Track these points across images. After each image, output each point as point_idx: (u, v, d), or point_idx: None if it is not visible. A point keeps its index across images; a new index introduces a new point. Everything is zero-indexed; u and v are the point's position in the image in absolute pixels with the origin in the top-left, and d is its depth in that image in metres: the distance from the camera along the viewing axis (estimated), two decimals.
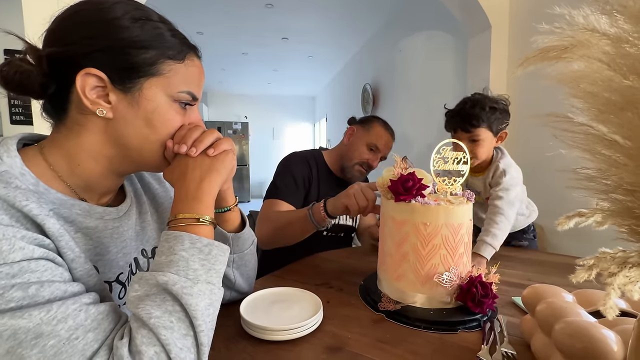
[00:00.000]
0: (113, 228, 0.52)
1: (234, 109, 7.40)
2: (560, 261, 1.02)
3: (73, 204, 0.47)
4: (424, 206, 0.65)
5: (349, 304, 0.72)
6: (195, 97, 0.52)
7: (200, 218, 0.46)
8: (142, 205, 0.62)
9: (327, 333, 0.61)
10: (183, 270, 0.40)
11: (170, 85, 0.48)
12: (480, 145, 1.05)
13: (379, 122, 1.29)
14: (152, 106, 0.47)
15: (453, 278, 0.64)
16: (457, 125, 1.07)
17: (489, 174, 1.10)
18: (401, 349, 0.56)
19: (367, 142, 1.25)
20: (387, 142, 1.28)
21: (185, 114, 0.52)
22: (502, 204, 1.02)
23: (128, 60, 0.45)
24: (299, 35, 3.90)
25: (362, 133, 1.27)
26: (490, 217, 1.03)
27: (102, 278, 0.47)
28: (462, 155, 0.72)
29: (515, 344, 0.56)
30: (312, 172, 1.24)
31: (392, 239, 0.70)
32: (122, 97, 0.46)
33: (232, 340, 0.58)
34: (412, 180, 0.67)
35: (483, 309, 0.63)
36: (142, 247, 0.59)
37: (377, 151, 1.26)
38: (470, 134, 1.05)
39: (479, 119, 1.03)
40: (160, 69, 0.47)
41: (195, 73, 0.52)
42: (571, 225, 0.42)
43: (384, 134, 1.27)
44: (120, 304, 0.54)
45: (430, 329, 0.62)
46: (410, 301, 0.68)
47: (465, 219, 0.66)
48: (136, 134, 0.48)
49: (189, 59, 0.50)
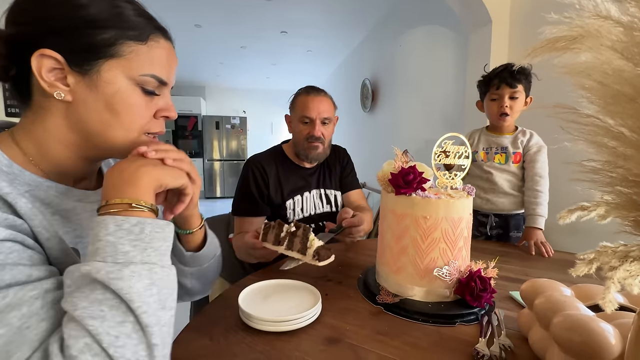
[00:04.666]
0: (92, 211, 0.51)
1: (233, 104, 7.34)
2: (558, 257, 1.03)
3: (50, 185, 0.47)
4: (424, 199, 0.65)
5: (348, 297, 0.73)
6: (163, 82, 0.50)
7: (134, 203, 0.40)
8: None
9: (326, 325, 0.61)
10: (111, 256, 0.37)
11: (132, 67, 0.46)
12: (517, 103, 1.19)
13: (299, 92, 1.23)
14: (112, 90, 0.45)
15: (452, 272, 0.64)
16: (504, 81, 1.18)
17: (517, 134, 1.25)
18: (399, 341, 0.57)
19: (298, 118, 1.20)
20: (314, 105, 1.18)
21: (152, 100, 0.49)
22: (541, 169, 1.17)
23: (85, 40, 0.43)
24: (298, 28, 3.86)
25: (292, 114, 1.24)
26: (532, 188, 1.17)
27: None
28: (463, 149, 0.72)
29: (512, 337, 0.56)
30: (269, 172, 1.20)
31: (391, 232, 0.70)
32: (80, 80, 0.44)
33: (231, 331, 0.58)
34: (412, 174, 0.67)
35: (481, 302, 0.63)
36: None
37: (311, 120, 1.18)
38: (514, 89, 1.18)
39: (522, 76, 1.17)
40: (120, 50, 0.45)
41: (162, 55, 0.49)
42: (573, 218, 0.42)
43: (306, 99, 1.19)
44: None
45: (429, 321, 0.62)
46: (408, 294, 0.68)
47: (465, 213, 0.66)
48: (98, 119, 0.46)
49: (153, 40, 0.48)
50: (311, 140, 1.18)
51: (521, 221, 1.24)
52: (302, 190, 1.24)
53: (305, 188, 1.25)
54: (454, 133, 0.71)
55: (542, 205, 1.14)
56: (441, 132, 0.70)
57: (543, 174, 1.17)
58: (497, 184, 1.24)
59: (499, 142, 1.26)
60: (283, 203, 1.20)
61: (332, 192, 1.30)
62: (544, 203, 1.14)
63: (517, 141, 1.23)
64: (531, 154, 1.20)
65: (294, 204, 1.21)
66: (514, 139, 1.24)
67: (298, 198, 1.22)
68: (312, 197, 1.25)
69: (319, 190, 1.28)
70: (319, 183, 1.29)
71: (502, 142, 1.26)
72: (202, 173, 6.61)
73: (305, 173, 1.27)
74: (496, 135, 1.28)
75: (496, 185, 1.24)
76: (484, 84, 1.26)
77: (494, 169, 1.25)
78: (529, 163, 1.20)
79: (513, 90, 1.18)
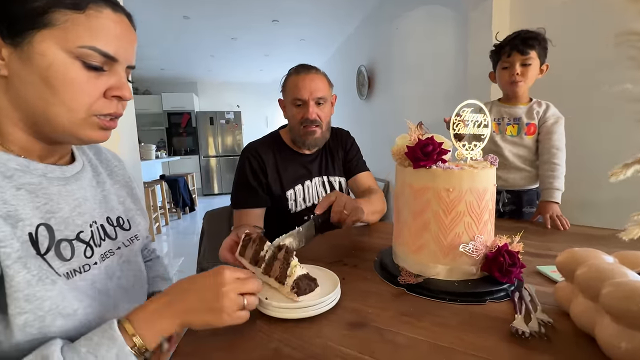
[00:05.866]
0: (59, 186, 0.49)
1: (226, 99, 7.22)
2: (576, 231, 0.99)
3: (9, 158, 0.44)
4: (446, 171, 0.60)
5: (366, 280, 0.68)
6: (110, 57, 0.46)
7: (137, 345, 0.42)
8: (99, 174, 0.60)
9: (346, 309, 0.57)
10: None
11: (68, 38, 0.43)
12: (531, 70, 1.13)
13: (289, 73, 1.14)
14: (46, 62, 0.42)
15: (479, 247, 0.60)
16: (515, 47, 1.12)
17: (532, 105, 1.19)
18: (427, 321, 0.53)
19: (290, 101, 1.11)
20: (305, 84, 1.08)
21: (99, 77, 0.46)
22: (558, 140, 1.13)
23: (14, 9, 0.41)
24: (289, 17, 3.76)
25: (284, 97, 1.16)
26: (549, 160, 1.12)
27: (59, 237, 0.46)
28: (482, 117, 0.67)
29: (548, 313, 0.52)
30: (266, 160, 1.13)
31: (409, 210, 0.66)
32: (13, 52, 0.42)
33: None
34: (431, 145, 0.62)
35: (510, 278, 0.59)
36: (107, 215, 0.57)
37: (304, 102, 1.09)
38: (525, 56, 1.12)
39: (534, 42, 1.11)
40: (53, 18, 0.42)
41: (106, 27, 0.45)
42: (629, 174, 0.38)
43: (297, 79, 1.09)
44: (90, 264, 0.50)
45: (456, 300, 0.58)
46: (431, 273, 0.63)
47: (490, 184, 0.62)
48: (36, 95, 0.43)
49: (93, 9, 0.44)
50: (306, 125, 1.10)
51: (534, 196, 1.20)
52: (303, 179, 1.17)
53: (306, 176, 1.18)
54: (472, 100, 0.67)
55: (559, 178, 1.09)
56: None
57: (560, 146, 1.13)
58: (508, 159, 1.20)
59: (512, 112, 1.20)
60: (283, 193, 1.14)
61: (335, 179, 1.23)
62: (561, 176, 1.10)
63: (532, 112, 1.18)
64: (548, 125, 1.15)
65: (295, 194, 1.15)
66: (529, 110, 1.19)
67: (299, 187, 1.16)
68: (314, 186, 1.19)
69: (322, 178, 1.21)
70: (321, 170, 1.21)
71: (516, 113, 1.20)
72: (198, 170, 6.53)
73: (305, 160, 1.19)
74: (509, 106, 1.21)
75: (507, 161, 1.20)
76: (495, 53, 1.20)
77: (506, 142, 1.20)
78: (545, 135, 1.15)
79: (525, 57, 1.12)
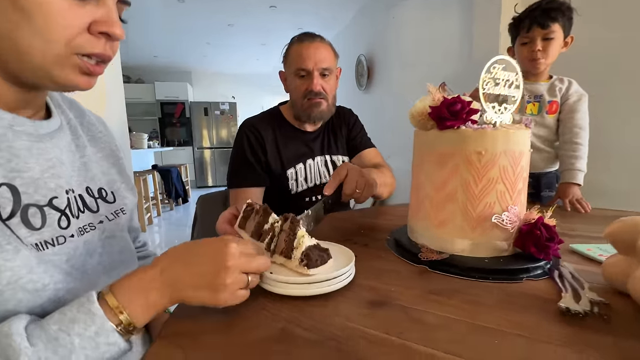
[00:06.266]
0: (30, 142, 0.42)
1: (221, 89, 7.05)
2: (597, 214, 0.93)
3: None
4: (477, 131, 0.52)
5: (380, 258, 0.61)
6: None
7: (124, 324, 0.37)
8: (78, 138, 0.52)
9: (364, 287, 0.49)
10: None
11: None
12: (553, 45, 1.04)
13: (292, 42, 1.06)
14: None
15: (514, 219, 0.53)
16: (535, 21, 1.03)
17: (554, 82, 1.11)
18: (458, 299, 0.45)
19: (293, 72, 1.03)
20: (310, 53, 1.00)
21: (83, 7, 0.38)
22: (581, 119, 1.06)
23: None
24: (287, 3, 3.65)
25: (286, 69, 1.08)
26: (571, 140, 1.05)
27: (26, 201, 0.39)
28: (514, 77, 0.60)
29: (596, 291, 0.45)
30: (265, 137, 1.05)
31: (430, 179, 0.58)
32: None
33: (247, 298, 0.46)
34: (460, 103, 0.54)
35: (548, 254, 0.52)
36: (86, 185, 0.50)
37: (308, 72, 1.01)
38: (546, 30, 1.03)
39: (557, 14, 1.02)
40: None
41: None
42: None
43: (300, 47, 1.01)
44: (66, 236, 0.43)
45: (488, 278, 0.50)
46: (455, 250, 0.56)
47: (525, 147, 0.54)
48: (4, 20, 0.36)
49: None
50: (310, 97, 1.02)
51: (553, 179, 1.14)
52: (305, 158, 1.10)
53: (308, 155, 1.11)
54: (503, 56, 0.59)
55: (582, 159, 1.03)
56: None
57: (583, 125, 1.06)
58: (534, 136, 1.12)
59: (532, 89, 1.12)
60: (283, 172, 1.06)
61: (339, 158, 1.16)
62: (583, 157, 1.03)
63: (554, 89, 1.10)
64: (570, 103, 1.08)
65: (297, 174, 1.08)
66: (551, 87, 1.11)
67: (300, 166, 1.09)
68: (317, 165, 1.11)
69: (324, 157, 1.13)
70: (324, 149, 1.14)
71: (537, 90, 1.12)
72: (192, 162, 6.39)
73: (308, 138, 1.12)
74: (530, 83, 1.12)
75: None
76: (513, 26, 1.11)
77: None
78: (567, 113, 1.08)
79: (546, 31, 1.03)
